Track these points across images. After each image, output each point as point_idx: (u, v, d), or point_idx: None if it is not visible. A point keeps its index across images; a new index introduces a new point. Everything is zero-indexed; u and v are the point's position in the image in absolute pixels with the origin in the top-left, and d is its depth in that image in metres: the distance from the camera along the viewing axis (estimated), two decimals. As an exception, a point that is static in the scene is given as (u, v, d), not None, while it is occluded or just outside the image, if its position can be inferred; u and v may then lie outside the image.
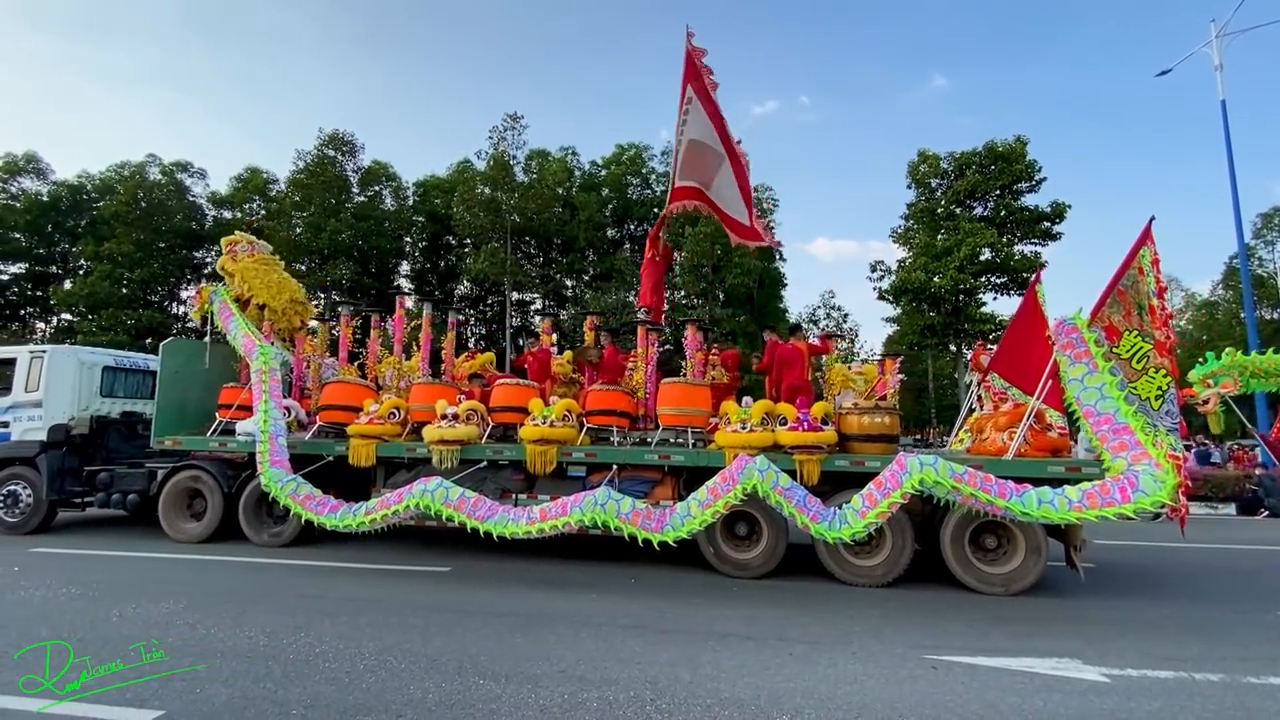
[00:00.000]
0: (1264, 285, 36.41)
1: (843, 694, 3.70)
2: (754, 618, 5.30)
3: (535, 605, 5.59)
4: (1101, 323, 6.78)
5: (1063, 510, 5.60)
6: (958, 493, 5.78)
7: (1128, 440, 5.83)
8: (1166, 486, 5.45)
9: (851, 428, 6.84)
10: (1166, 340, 6.71)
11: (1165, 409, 6.59)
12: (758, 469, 6.24)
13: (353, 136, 35.64)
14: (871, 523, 5.97)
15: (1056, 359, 6.49)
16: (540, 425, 7.09)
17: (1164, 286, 6.83)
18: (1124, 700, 3.68)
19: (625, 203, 38.95)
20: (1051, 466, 6.24)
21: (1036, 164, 26.08)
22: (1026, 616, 5.49)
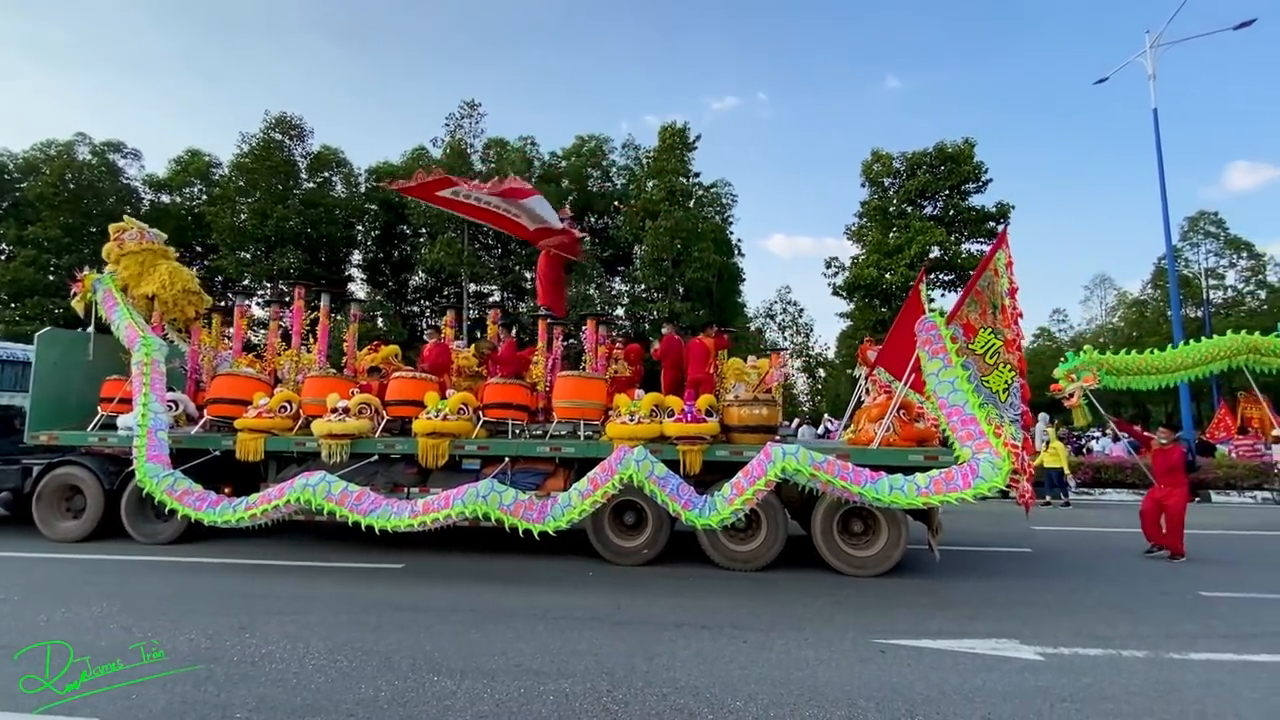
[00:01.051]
0: (1189, 285, 38.75)
1: (795, 679, 3.80)
2: (710, 607, 5.38)
3: (491, 600, 5.53)
4: (960, 320, 7.19)
5: (911, 495, 5.95)
6: (816, 480, 6.07)
7: (973, 430, 6.16)
8: (1002, 473, 5.85)
9: (733, 419, 7.06)
10: (1015, 338, 7.13)
11: (1010, 401, 7.01)
12: (635, 459, 6.41)
13: (301, 120, 34.35)
14: (738, 509, 6.22)
15: (918, 354, 6.89)
16: (433, 419, 7.08)
17: (1015, 287, 7.25)
18: (1057, 677, 3.89)
19: (586, 195, 38.67)
20: (912, 455, 6.60)
21: (983, 165, 27.07)
22: (968, 600, 5.73)
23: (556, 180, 37.90)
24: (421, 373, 8.03)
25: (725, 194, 36.95)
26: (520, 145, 37.71)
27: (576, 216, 10.67)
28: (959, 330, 7.17)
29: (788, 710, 3.37)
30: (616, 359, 9.26)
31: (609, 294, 36.18)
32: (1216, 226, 41.43)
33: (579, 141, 39.15)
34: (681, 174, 32.24)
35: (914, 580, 6.47)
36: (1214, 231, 41.39)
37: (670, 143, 32.00)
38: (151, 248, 9.04)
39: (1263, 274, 41.59)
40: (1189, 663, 4.18)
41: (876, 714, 3.34)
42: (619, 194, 38.25)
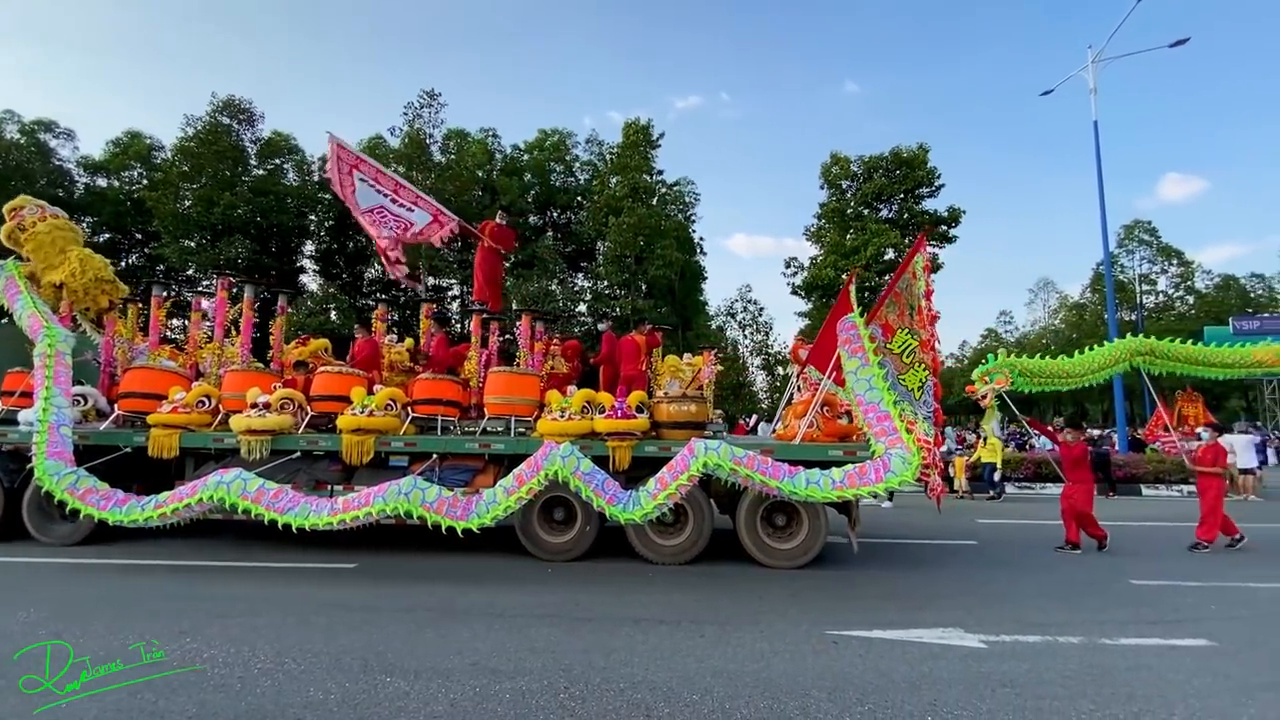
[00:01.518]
0: (1124, 290, 40.87)
1: (750, 671, 3.86)
2: (669, 602, 5.42)
3: (448, 599, 5.45)
4: (879, 321, 7.50)
5: (826, 489, 6.12)
6: (737, 475, 6.21)
7: (887, 427, 6.34)
8: (911, 467, 6.04)
9: (663, 415, 7.15)
10: (930, 338, 7.45)
11: (924, 399, 7.38)
12: (560, 455, 6.41)
13: (251, 104, 33.05)
14: (662, 504, 6.29)
15: (839, 352, 7.12)
16: (359, 415, 6.97)
17: (931, 290, 7.57)
18: (998, 664, 4.05)
19: (548, 189, 38.40)
20: (833, 450, 6.79)
21: (936, 170, 27.97)
22: (917, 591, 5.92)
23: (518, 173, 37.48)
24: (349, 368, 7.84)
25: (688, 192, 37.19)
26: (481, 137, 37.13)
27: (512, 214, 10.36)
28: (878, 330, 7.43)
29: (742, 702, 3.42)
30: (554, 355, 9.25)
31: (572, 289, 35.97)
32: (1150, 235, 43.83)
33: (542, 135, 38.81)
34: (645, 171, 32.28)
35: (866, 573, 6.65)
36: (1147, 240, 43.78)
37: (634, 139, 32.00)
38: (58, 228, 8.52)
39: (1191, 280, 44.23)
40: (1119, 647, 4.41)
41: (828, 703, 3.42)
42: (582, 189, 38.08)
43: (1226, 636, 4.63)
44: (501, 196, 34.33)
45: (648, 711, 3.31)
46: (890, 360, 7.40)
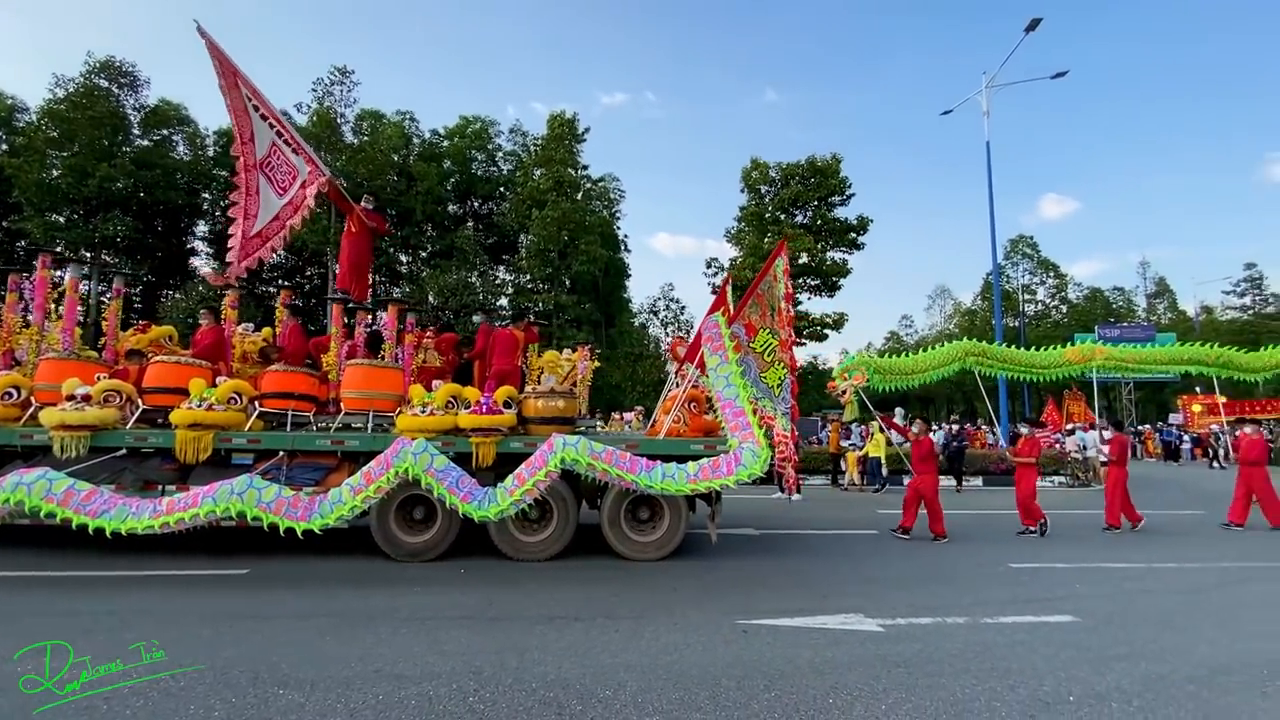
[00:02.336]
0: (1010, 298, 44.62)
1: (664, 664, 3.90)
2: (585, 598, 5.39)
3: (351, 604, 5.17)
4: (743, 321, 7.85)
5: (681, 482, 6.26)
6: (594, 469, 6.25)
7: (741, 422, 6.56)
8: (760, 460, 6.25)
9: (530, 411, 7.08)
10: (789, 338, 7.95)
11: (783, 395, 7.82)
12: (412, 452, 6.26)
13: (134, 68, 30.02)
14: (518, 500, 6.24)
15: (702, 351, 7.35)
16: (196, 409, 6.45)
17: (791, 293, 8.04)
18: (894, 645, 4.31)
19: (469, 178, 37.28)
20: (694, 444, 6.94)
21: (848, 180, 29.36)
22: (823, 580, 6.21)
23: (437, 160, 36.15)
24: (189, 358, 7.20)
25: (613, 189, 37.21)
26: (398, 120, 35.52)
27: (380, 207, 9.69)
28: (741, 329, 7.71)
29: (655, 694, 3.45)
30: (426, 348, 8.91)
31: (493, 282, 35.14)
32: (1031, 249, 48.20)
33: (463, 122, 37.61)
34: (570, 165, 31.99)
35: (776, 563, 6.90)
36: (1029, 253, 48.10)
37: (559, 132, 31.62)
38: None
39: (1065, 291, 48.96)
40: (999, 625, 4.80)
41: (737, 691, 3.51)
42: (505, 180, 37.24)
43: (1089, 613, 5.15)
44: (419, 183, 33.01)
45: (560, 709, 3.28)
46: (753, 359, 7.71)
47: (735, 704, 3.36)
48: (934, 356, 9.32)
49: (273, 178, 8.10)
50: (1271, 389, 25.99)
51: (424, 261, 35.96)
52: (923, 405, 52.02)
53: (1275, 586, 6.17)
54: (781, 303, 7.91)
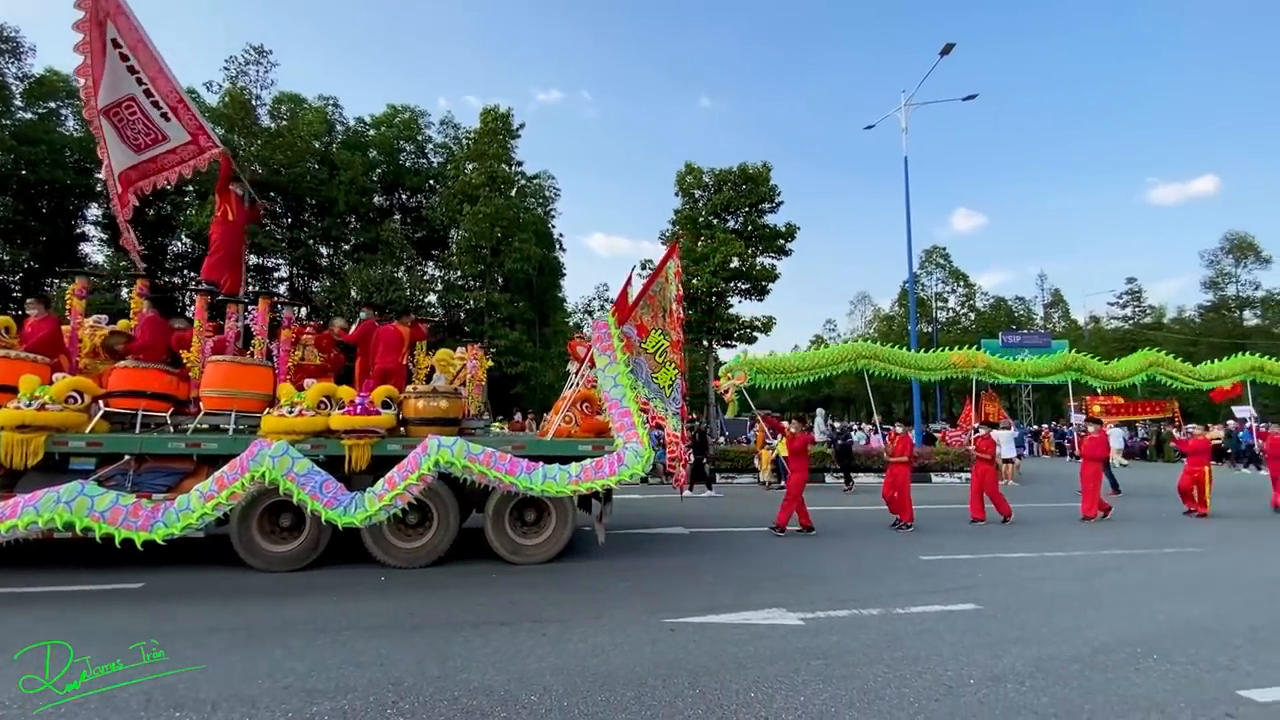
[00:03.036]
0: (924, 305, 47.33)
1: (590, 666, 3.89)
2: (512, 603, 5.30)
3: (259, 617, 4.87)
4: (635, 321, 7.95)
5: (563, 484, 6.19)
6: (471, 471, 6.08)
7: (626, 422, 6.55)
8: (643, 461, 6.26)
9: (411, 412, 6.84)
10: (679, 339, 8.13)
11: (673, 396, 8.00)
12: (270, 455, 5.85)
13: (17, 33, 27.17)
14: (389, 505, 5.95)
15: (592, 351, 7.31)
16: (25, 408, 5.87)
17: (682, 295, 8.24)
18: (814, 638, 4.48)
19: (397, 169, 35.91)
20: (582, 445, 6.87)
21: (777, 188, 30.22)
22: (748, 576, 6.37)
23: (362, 149, 34.64)
24: (20, 352, 6.48)
25: (549, 187, 36.81)
26: (320, 105, 33.78)
27: (257, 195, 9.12)
28: (633, 330, 7.78)
29: (580, 698, 3.44)
30: (305, 344, 8.41)
31: (420, 278, 34.00)
32: (944, 259, 51.36)
33: (391, 110, 36.20)
34: (504, 160, 31.38)
35: (704, 560, 7.03)
36: (942, 263, 51.25)
37: (493, 126, 30.96)
38: None
39: (974, 300, 52.42)
40: (909, 615, 5.08)
41: (663, 690, 3.55)
42: (436, 173, 36.11)
43: (988, 601, 5.53)
44: (342, 172, 31.50)
45: (483, 717, 3.21)
46: (644, 359, 7.80)
47: (661, 703, 3.40)
48: (822, 355, 9.79)
49: (123, 131, 7.38)
50: (1149, 390, 28.75)
51: (346, 254, 34.34)
52: (844, 405, 54.35)
53: (1147, 572, 6.83)
54: (673, 304, 7.99)
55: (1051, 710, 3.37)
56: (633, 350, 7.69)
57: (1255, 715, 3.36)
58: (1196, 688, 3.70)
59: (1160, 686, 3.71)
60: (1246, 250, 46.84)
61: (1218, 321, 46.66)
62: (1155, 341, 46.75)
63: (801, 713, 3.31)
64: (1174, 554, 7.79)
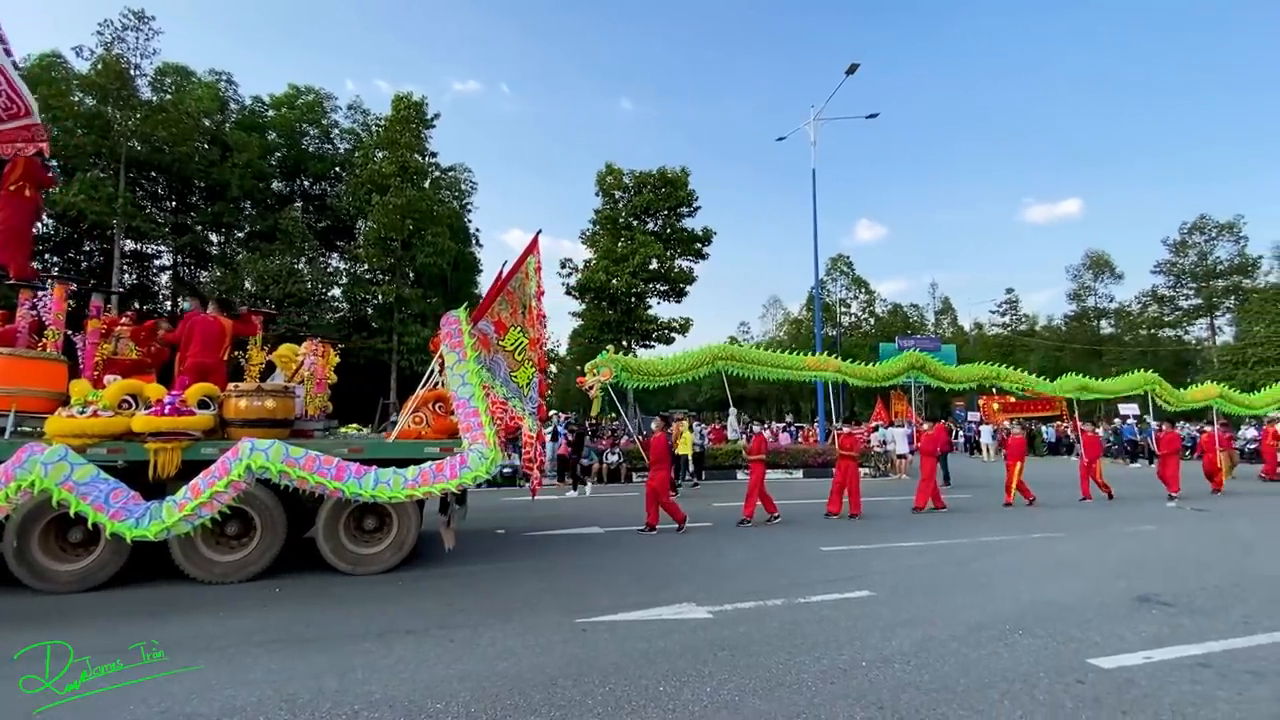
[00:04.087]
0: (829, 310, 49.84)
1: (500, 670, 3.83)
2: (418, 610, 5.13)
3: (131, 637, 4.42)
4: (492, 318, 7.54)
5: (397, 489, 5.73)
6: (289, 476, 5.58)
7: (474, 422, 6.18)
8: (487, 463, 5.90)
9: (232, 412, 6.22)
10: (539, 337, 8.01)
11: (530, 395, 7.81)
12: (43, 461, 5.19)
13: None
14: (191, 515, 5.42)
15: (441, 349, 6.88)
16: None
17: (542, 291, 8.12)
18: (720, 630, 4.63)
19: (299, 154, 33.73)
20: (429, 447, 6.46)
21: (694, 193, 30.91)
22: (659, 572, 6.48)
23: (260, 130, 32.28)
24: None
25: (465, 180, 35.79)
26: (211, 80, 31.17)
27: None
28: (490, 327, 7.47)
29: (488, 703, 3.38)
30: (120, 336, 7.73)
31: (324, 270, 32.13)
32: (847, 267, 54.39)
33: (293, 91, 33.96)
34: (417, 150, 30.19)
35: (616, 559, 7.09)
36: (846, 271, 54.24)
37: (405, 114, 29.71)
38: None
39: (874, 306, 55.81)
40: (810, 604, 5.35)
41: (573, 690, 3.56)
42: (342, 160, 34.22)
43: (881, 587, 5.92)
44: (236, 154, 29.21)
45: (384, 730, 3.09)
46: (502, 357, 7.54)
47: (570, 702, 3.40)
48: (685, 359, 10.08)
49: None
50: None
51: (240, 243, 31.88)
52: (757, 405, 56.30)
53: (1017, 558, 7.54)
54: (533, 300, 7.78)
55: (932, 686, 3.66)
56: (490, 348, 7.35)
57: (1102, 680, 3.80)
58: (1054, 658, 4.13)
59: (1024, 659, 4.11)
60: (1104, 267, 52.66)
61: (1080, 330, 52.18)
62: (1029, 347, 51.72)
63: (708, 703, 3.42)
64: (1041, 539, 8.64)
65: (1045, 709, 3.37)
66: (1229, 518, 10.56)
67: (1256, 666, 4.00)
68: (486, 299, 7.84)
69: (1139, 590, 5.81)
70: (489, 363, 7.41)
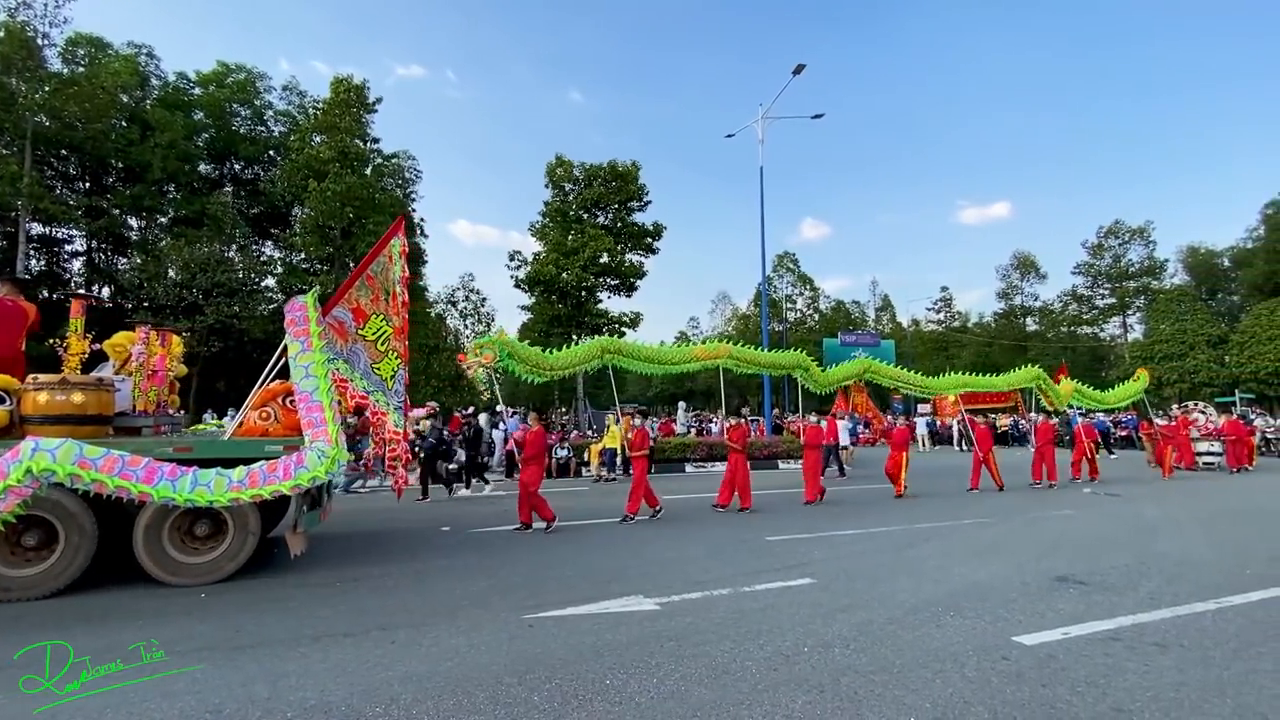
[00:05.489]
0: (776, 306, 50.91)
1: (443, 670, 3.75)
2: (358, 611, 4.97)
3: (39, 652, 4.11)
4: (350, 305, 7.19)
5: (219, 492, 5.30)
6: (81, 480, 5.05)
7: (316, 418, 5.86)
8: (326, 463, 5.58)
9: (30, 408, 5.70)
10: (403, 326, 7.47)
11: (395, 389, 7.43)
12: None
13: None
14: None
15: (286, 339, 6.46)
16: None
17: (408, 276, 7.55)
18: (668, 621, 4.67)
19: (229, 135, 31.96)
20: (271, 446, 5.99)
21: (645, 187, 30.94)
22: (609, 567, 6.47)
23: (185, 108, 30.41)
24: None
25: (409, 167, 34.73)
26: (130, 53, 29.13)
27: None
28: (348, 314, 7.12)
29: (431, 703, 3.31)
30: None
31: (257, 259, 30.61)
32: (793, 265, 55.65)
33: (222, 69, 32.15)
34: (357, 135, 29.03)
35: (566, 554, 7.05)
36: (792, 268, 55.50)
37: (345, 98, 28.50)
38: None
39: (818, 302, 57.31)
40: (754, 593, 5.46)
41: (519, 687, 3.51)
42: (277, 143, 32.60)
43: (822, 574, 6.09)
44: (158, 133, 27.41)
45: (319, 736, 2.98)
46: (363, 347, 7.22)
47: (515, 700, 3.36)
48: (573, 353, 10.10)
49: None
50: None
51: (164, 229, 29.97)
52: (705, 399, 57.05)
53: (949, 543, 7.89)
54: (397, 287, 7.36)
55: (870, 668, 3.79)
56: (347, 337, 7.03)
57: (1025, 656, 4.02)
58: (982, 637, 4.35)
59: (954, 639, 4.32)
60: (1029, 267, 55.73)
61: (1008, 327, 55.08)
62: (963, 343, 54.26)
63: (654, 693, 3.44)
64: (971, 524, 9.08)
65: (974, 685, 3.54)
66: (1138, 502, 11.36)
67: (1160, 638, 4.32)
68: (344, 284, 7.40)
69: (1058, 571, 6.19)
70: (347, 353, 7.05)
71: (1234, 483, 14.54)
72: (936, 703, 3.33)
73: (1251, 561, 6.58)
